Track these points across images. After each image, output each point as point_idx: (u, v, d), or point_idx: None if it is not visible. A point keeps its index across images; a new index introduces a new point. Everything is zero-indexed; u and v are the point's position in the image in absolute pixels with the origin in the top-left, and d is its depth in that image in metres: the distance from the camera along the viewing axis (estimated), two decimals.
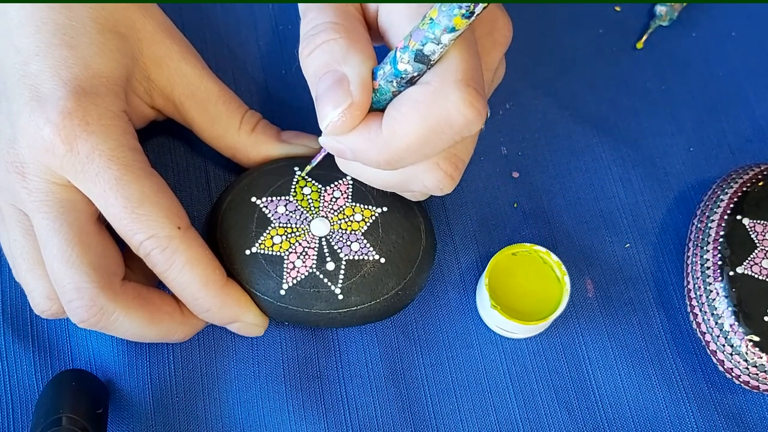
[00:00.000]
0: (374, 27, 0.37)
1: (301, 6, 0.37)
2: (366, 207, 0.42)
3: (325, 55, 0.34)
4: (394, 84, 0.34)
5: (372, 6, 0.37)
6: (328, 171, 0.42)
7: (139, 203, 0.36)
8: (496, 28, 0.39)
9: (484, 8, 0.31)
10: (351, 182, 0.42)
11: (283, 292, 0.40)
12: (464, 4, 0.30)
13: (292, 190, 0.42)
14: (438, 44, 0.32)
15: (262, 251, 0.41)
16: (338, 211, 0.42)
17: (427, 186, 0.36)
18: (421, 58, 0.32)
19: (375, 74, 0.34)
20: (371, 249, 0.41)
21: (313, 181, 0.42)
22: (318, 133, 0.44)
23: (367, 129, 0.34)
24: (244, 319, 0.40)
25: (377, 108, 0.35)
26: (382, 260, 0.41)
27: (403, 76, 0.33)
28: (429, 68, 0.33)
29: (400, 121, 0.33)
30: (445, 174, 0.36)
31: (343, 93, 0.33)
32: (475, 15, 0.31)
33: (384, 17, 0.36)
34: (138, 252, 0.37)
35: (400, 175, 0.36)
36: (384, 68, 0.34)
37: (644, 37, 0.50)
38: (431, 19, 0.32)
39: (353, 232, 0.41)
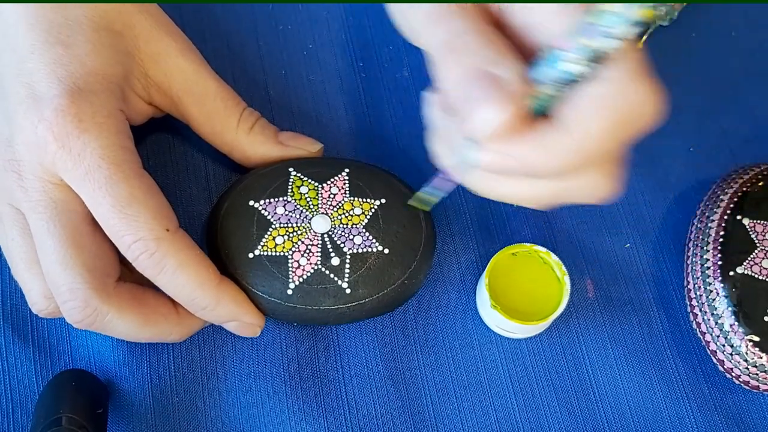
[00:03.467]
0: (498, 27, 0.33)
1: (419, 19, 0.33)
2: (365, 200, 0.42)
3: (472, 58, 0.30)
4: (557, 88, 0.30)
5: (493, 6, 0.33)
6: (323, 168, 0.42)
7: (128, 203, 0.36)
8: None
9: None
10: (347, 177, 0.42)
11: (290, 292, 0.40)
12: None
13: (289, 190, 0.42)
14: (616, 40, 0.28)
15: (265, 253, 0.40)
16: (337, 206, 0.42)
17: (591, 195, 0.33)
18: (596, 56, 0.29)
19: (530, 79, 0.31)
20: (374, 240, 0.41)
21: (310, 180, 0.42)
22: (315, 135, 0.45)
23: (539, 134, 0.30)
24: (242, 317, 0.40)
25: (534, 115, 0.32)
26: (386, 251, 0.41)
27: (571, 78, 0.30)
28: (598, 67, 0.30)
29: (585, 121, 0.30)
30: (615, 180, 0.33)
31: (501, 92, 0.30)
32: (662, 5, 0.27)
33: (520, 16, 0.32)
34: (127, 256, 0.37)
35: (560, 187, 0.33)
36: (540, 70, 0.30)
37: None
38: (610, 12, 0.28)
39: (354, 226, 0.41)
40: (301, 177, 0.42)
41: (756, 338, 0.40)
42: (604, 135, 0.30)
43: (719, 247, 0.42)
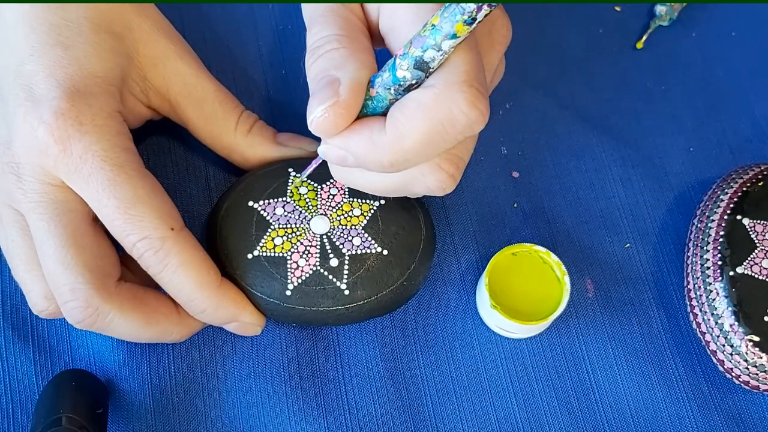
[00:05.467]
0: (375, 30, 0.37)
1: (306, 18, 0.37)
2: (364, 201, 0.42)
3: (324, 62, 0.35)
4: (392, 91, 0.34)
5: (373, 8, 0.37)
6: (323, 170, 0.42)
7: (132, 204, 0.36)
8: (494, 29, 0.39)
9: (486, 15, 0.31)
10: None
11: (288, 293, 0.40)
12: (467, 10, 0.30)
13: (289, 191, 0.42)
14: (438, 51, 0.32)
15: (264, 254, 0.40)
16: (336, 207, 0.42)
17: (429, 187, 0.37)
18: (420, 65, 0.33)
19: (373, 82, 0.35)
20: (373, 242, 0.41)
21: (309, 181, 0.42)
22: (314, 137, 0.45)
23: (370, 132, 0.34)
24: (241, 318, 0.40)
25: (375, 114, 0.35)
26: (385, 252, 0.41)
27: (402, 83, 0.34)
28: (428, 75, 0.33)
29: (404, 123, 0.33)
30: (447, 174, 0.36)
31: (332, 92, 0.34)
32: (476, 22, 0.31)
33: (385, 21, 0.36)
34: (132, 253, 0.37)
35: (401, 178, 0.36)
36: (383, 75, 0.34)
37: (644, 37, 0.50)
38: (432, 25, 0.32)
39: (353, 227, 0.41)
40: (301, 178, 0.42)
41: (756, 338, 0.40)
42: (425, 136, 0.33)
43: (719, 247, 0.42)
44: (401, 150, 0.34)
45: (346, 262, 0.41)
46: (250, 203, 0.42)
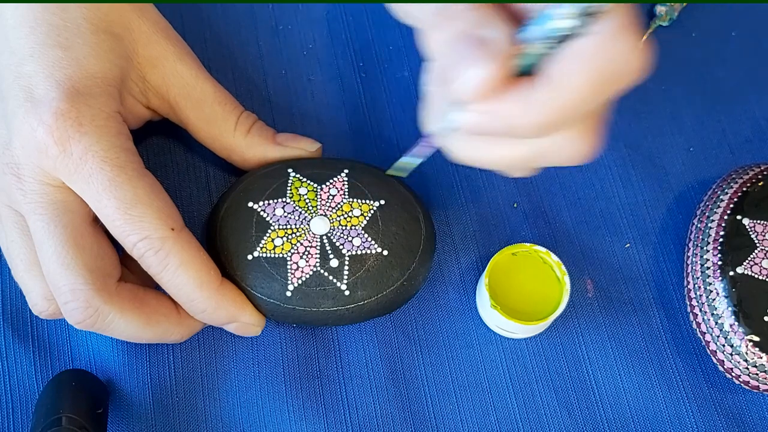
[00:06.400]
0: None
1: None
2: (364, 201, 0.42)
3: (461, 23, 0.31)
4: (544, 45, 0.30)
5: None
6: (322, 170, 0.42)
7: (132, 204, 0.36)
8: None
9: None
10: (346, 178, 0.42)
11: (289, 294, 0.40)
12: None
13: (288, 191, 0.42)
14: None
15: (264, 255, 0.40)
16: (336, 207, 0.42)
17: (570, 156, 0.33)
18: (588, 12, 0.29)
19: (517, 39, 0.31)
20: (373, 242, 0.41)
21: (309, 181, 0.42)
22: (315, 136, 0.45)
23: (520, 91, 0.30)
24: (241, 319, 0.40)
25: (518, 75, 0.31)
26: (385, 252, 0.41)
27: (560, 34, 0.30)
28: (586, 24, 0.29)
29: (564, 74, 0.30)
30: (593, 142, 0.33)
31: (486, 52, 0.30)
32: None
33: None
34: (132, 253, 0.37)
35: (539, 147, 0.33)
36: (530, 30, 0.30)
37: (644, 37, 0.50)
38: None
39: (353, 228, 0.41)
40: (300, 178, 0.42)
41: (756, 338, 0.40)
42: (586, 89, 0.30)
43: (719, 247, 0.42)
44: (561, 107, 0.30)
45: (346, 262, 0.41)
46: (250, 204, 0.42)
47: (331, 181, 0.42)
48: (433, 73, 0.33)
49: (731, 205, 0.43)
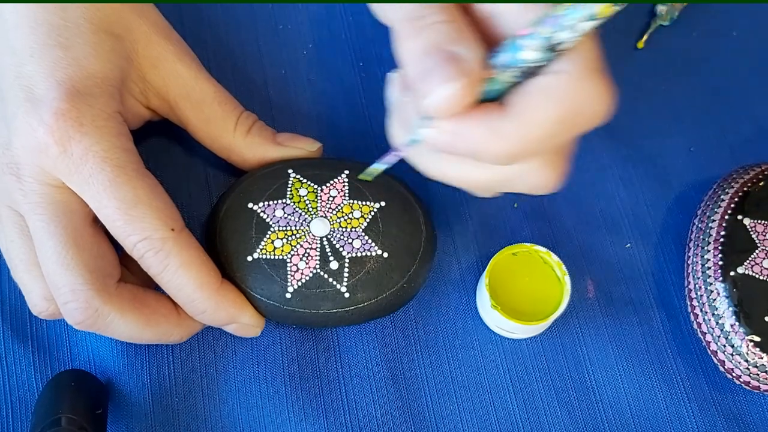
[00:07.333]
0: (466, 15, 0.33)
1: None
2: (364, 203, 0.42)
3: (435, 34, 0.31)
4: (513, 74, 0.31)
5: None
6: (322, 170, 0.42)
7: (133, 205, 0.36)
8: None
9: None
10: (347, 179, 0.42)
11: (288, 296, 0.40)
12: None
13: (288, 192, 0.42)
14: (574, 32, 0.29)
15: (264, 256, 0.40)
16: (336, 209, 0.42)
17: (534, 185, 0.34)
18: (552, 46, 0.30)
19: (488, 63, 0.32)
20: (373, 244, 0.41)
21: (309, 182, 0.42)
22: (315, 135, 0.45)
23: (488, 118, 0.31)
24: (241, 320, 0.40)
25: (486, 100, 0.32)
26: (385, 255, 0.41)
27: (527, 65, 0.30)
28: (555, 59, 0.30)
29: (533, 110, 0.30)
30: (558, 172, 0.33)
31: (457, 69, 0.30)
32: (623, 5, 0.28)
33: (487, 5, 0.32)
34: (132, 254, 0.37)
35: (504, 173, 0.33)
36: (500, 57, 0.31)
37: (644, 37, 0.50)
38: (572, 6, 0.29)
39: (353, 229, 0.41)
40: (301, 179, 0.42)
41: (757, 338, 0.40)
42: (551, 126, 0.30)
43: (720, 247, 0.42)
44: (526, 140, 0.30)
45: (346, 264, 0.40)
46: (250, 205, 0.42)
47: (332, 182, 0.42)
48: (402, 81, 0.34)
49: (732, 205, 0.43)
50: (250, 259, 0.40)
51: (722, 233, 0.43)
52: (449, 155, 0.33)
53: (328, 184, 0.42)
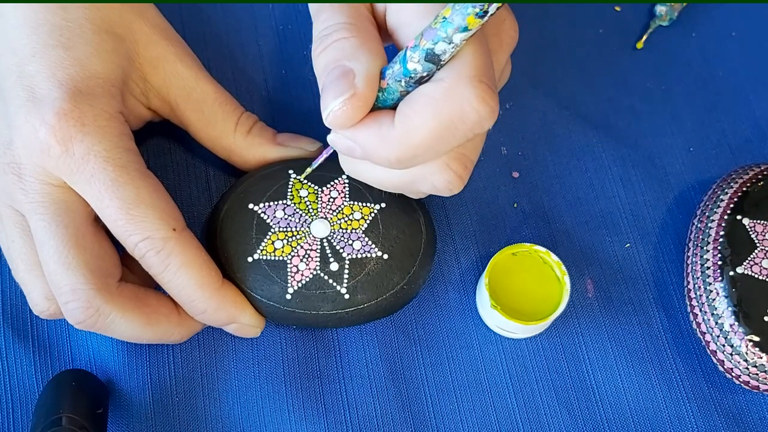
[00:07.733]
0: (383, 26, 0.37)
1: (312, 7, 0.37)
2: (364, 204, 0.42)
3: (335, 51, 0.34)
4: (403, 83, 0.34)
5: (380, 5, 0.37)
6: (323, 172, 0.42)
7: (135, 204, 0.36)
8: (502, 30, 0.38)
9: (498, 8, 0.30)
10: (347, 181, 0.42)
11: (288, 297, 0.40)
12: (478, 4, 0.30)
13: (289, 193, 0.42)
14: (449, 44, 0.32)
15: (264, 257, 0.40)
16: (337, 211, 0.42)
17: (436, 186, 0.36)
18: (431, 57, 0.32)
19: (384, 73, 0.34)
20: (373, 246, 0.41)
21: (310, 183, 0.42)
22: (316, 135, 0.45)
23: (378, 125, 0.34)
24: (241, 320, 0.40)
25: (385, 107, 0.35)
26: (385, 256, 0.41)
27: (413, 75, 0.33)
28: (439, 68, 0.33)
29: (413, 118, 0.33)
30: (455, 174, 0.36)
31: (347, 84, 0.33)
32: (488, 15, 0.30)
33: (393, 16, 0.36)
34: (133, 253, 0.37)
35: (408, 176, 0.36)
36: (393, 67, 0.34)
37: (644, 37, 0.50)
38: (444, 18, 0.31)
39: (354, 231, 0.41)
40: (302, 180, 0.42)
41: (756, 338, 0.40)
42: (429, 132, 0.33)
43: (719, 247, 0.42)
44: (409, 146, 0.33)
45: (347, 266, 0.41)
46: (250, 206, 0.42)
47: (333, 183, 0.42)
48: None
49: (731, 205, 0.43)
50: (250, 259, 0.40)
51: (721, 233, 0.43)
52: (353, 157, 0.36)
53: (328, 186, 0.42)
